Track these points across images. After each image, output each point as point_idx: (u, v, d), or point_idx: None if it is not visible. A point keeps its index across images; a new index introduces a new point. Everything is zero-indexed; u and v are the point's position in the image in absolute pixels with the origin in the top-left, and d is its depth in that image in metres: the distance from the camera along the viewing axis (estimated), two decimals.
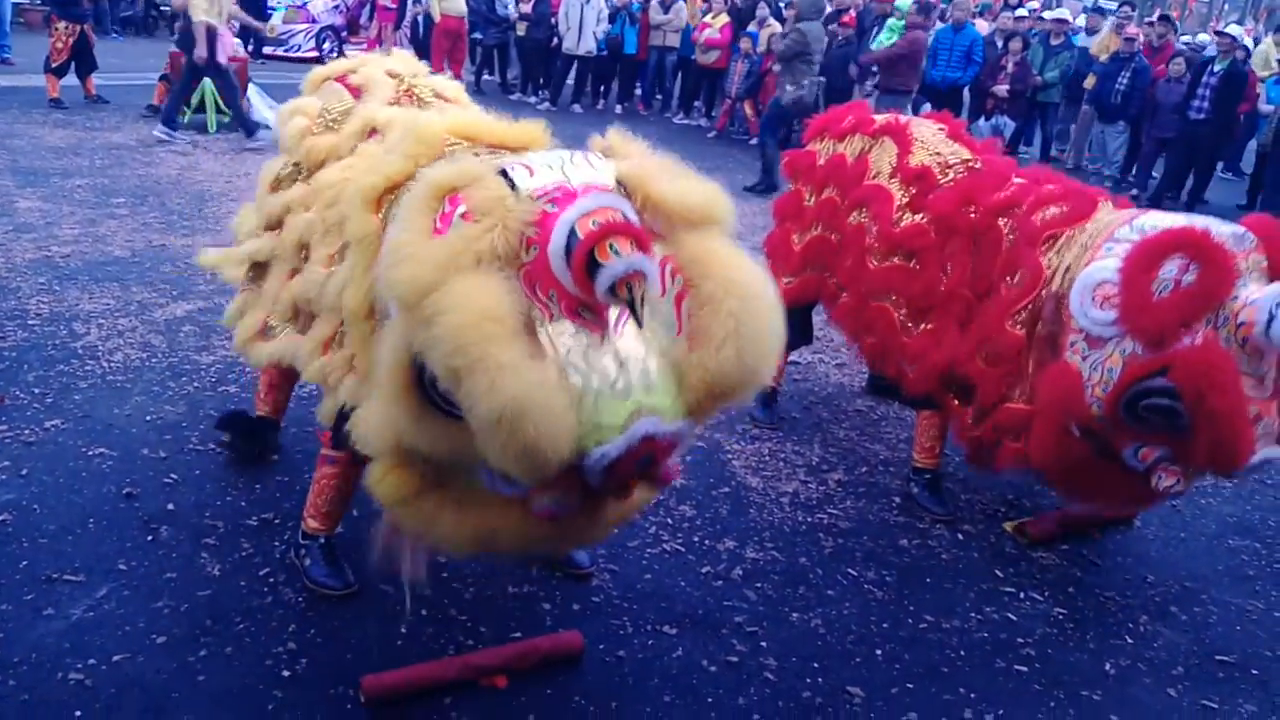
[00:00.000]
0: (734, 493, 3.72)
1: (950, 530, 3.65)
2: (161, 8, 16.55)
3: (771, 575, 3.23)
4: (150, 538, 3.03)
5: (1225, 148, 12.22)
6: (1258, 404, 2.88)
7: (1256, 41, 15.00)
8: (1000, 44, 11.56)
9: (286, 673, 2.54)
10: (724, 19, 12.98)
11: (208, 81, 9.24)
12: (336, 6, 15.84)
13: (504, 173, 1.99)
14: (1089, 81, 11.92)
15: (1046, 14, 12.69)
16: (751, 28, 12.55)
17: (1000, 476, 3.98)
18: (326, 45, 15.54)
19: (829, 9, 11.21)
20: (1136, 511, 3.80)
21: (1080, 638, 3.12)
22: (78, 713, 2.33)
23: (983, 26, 12.80)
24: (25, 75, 11.04)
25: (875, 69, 10.80)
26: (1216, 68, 10.49)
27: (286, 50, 15.09)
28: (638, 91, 14.75)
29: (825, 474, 3.98)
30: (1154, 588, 3.46)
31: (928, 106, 10.26)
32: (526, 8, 13.58)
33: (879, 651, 2.94)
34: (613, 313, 1.93)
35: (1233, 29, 12.00)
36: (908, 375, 3.61)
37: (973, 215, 3.51)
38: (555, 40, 13.51)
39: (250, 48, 13.24)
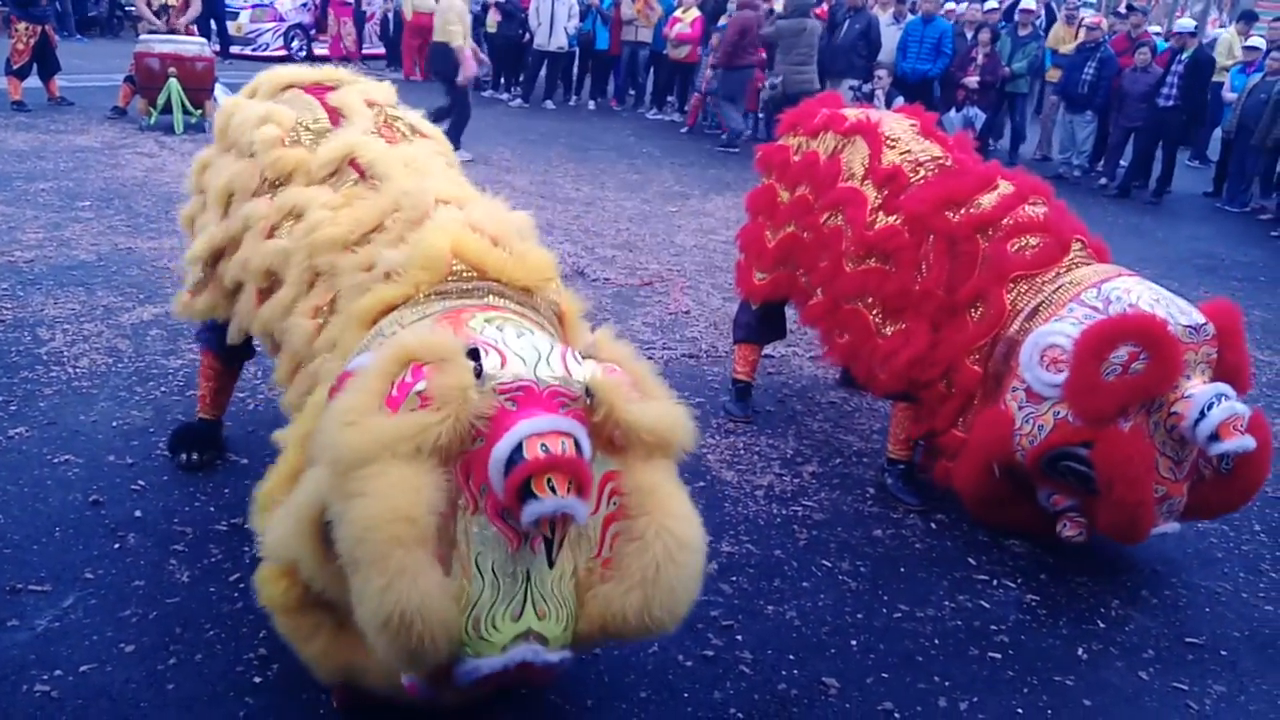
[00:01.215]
0: (709, 487, 3.72)
1: (924, 520, 3.66)
2: (126, 8, 16.33)
3: (746, 569, 3.23)
4: (117, 545, 2.99)
5: (1194, 133, 12.35)
6: (1169, 485, 3.11)
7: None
8: (969, 36, 11.62)
9: (258, 679, 2.51)
10: (694, 13, 12.96)
11: (173, 83, 9.14)
12: (305, 4, 15.69)
13: (474, 353, 1.96)
14: (1051, 74, 12.05)
15: None
16: (722, 21, 12.54)
17: None
18: (295, 44, 15.40)
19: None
20: None
21: (1053, 624, 3.14)
22: None
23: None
24: None
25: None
26: (1184, 56, 10.60)
27: (254, 49, 14.93)
28: (610, 88, 14.72)
29: (800, 466, 3.99)
30: (1125, 573, 3.49)
31: (900, 100, 10.30)
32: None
33: (854, 642, 2.95)
34: None
35: (1185, 22, 12.16)
36: (878, 377, 3.64)
37: (951, 218, 3.52)
38: (526, 36, 13.46)
39: (217, 47, 13.10)
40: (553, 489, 1.82)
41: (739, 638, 2.89)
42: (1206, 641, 3.14)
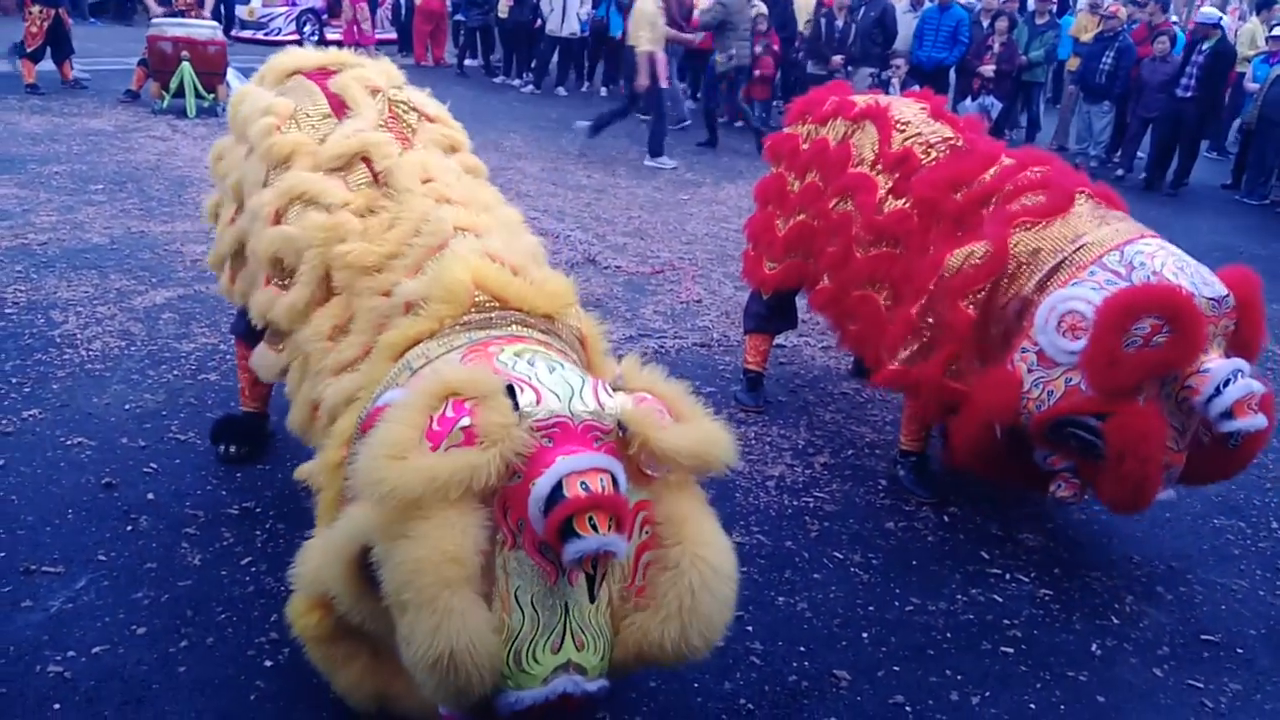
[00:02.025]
0: (720, 478, 3.69)
1: (936, 513, 3.64)
2: None
3: (758, 559, 3.22)
4: (130, 528, 2.99)
5: (1211, 125, 12.22)
6: (1171, 455, 3.04)
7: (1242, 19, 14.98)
8: (986, 24, 11.53)
9: (269, 663, 2.52)
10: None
11: (186, 66, 9.15)
12: None
13: (510, 390, 1.95)
14: (1072, 63, 11.93)
15: None
16: None
17: None
18: (307, 28, 15.39)
19: None
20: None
21: (1066, 619, 3.12)
22: (57, 705, 2.31)
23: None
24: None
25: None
26: (1205, 46, 10.48)
27: (266, 34, 14.93)
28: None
29: (811, 457, 3.97)
30: (1140, 568, 3.46)
31: (917, 88, 10.24)
32: None
33: (865, 634, 2.93)
34: None
35: (1209, 11, 11.95)
36: (884, 361, 3.61)
37: (958, 199, 3.49)
38: (538, 22, 13.41)
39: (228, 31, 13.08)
40: (594, 527, 1.83)
41: (749, 629, 2.88)
42: (1222, 639, 3.11)
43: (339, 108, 2.95)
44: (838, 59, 10.83)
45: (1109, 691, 2.81)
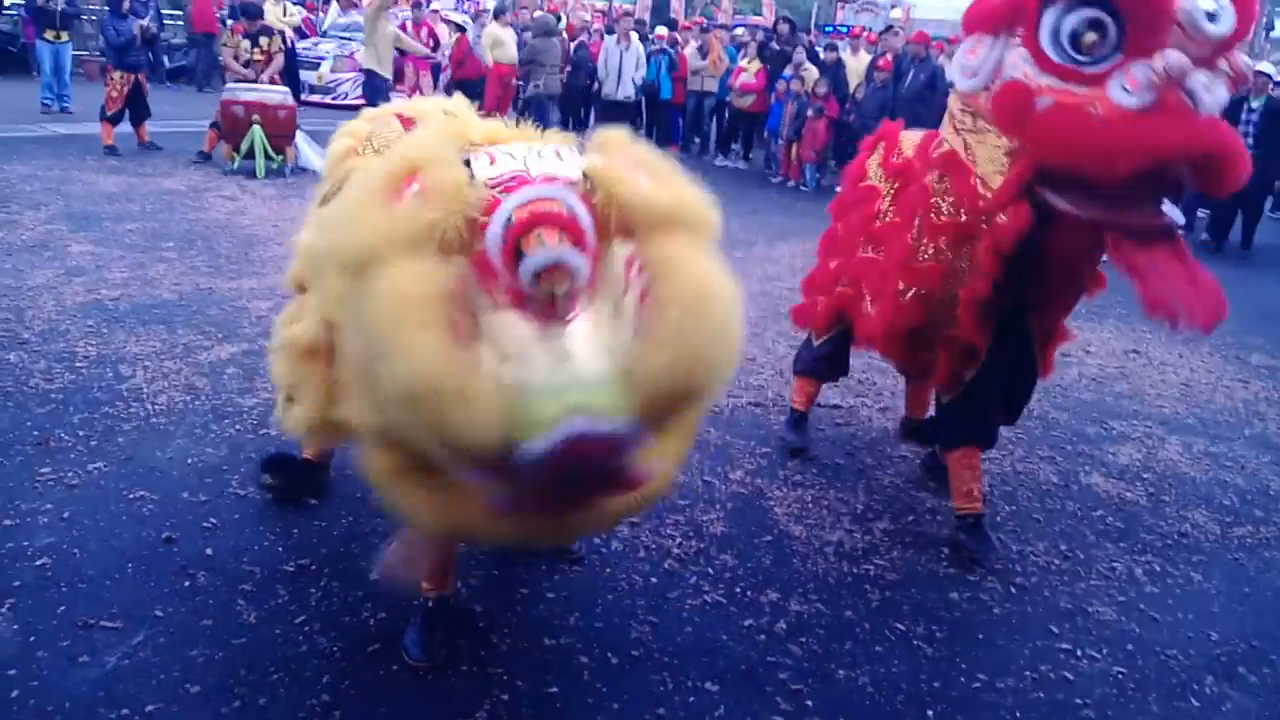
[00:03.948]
0: (776, 541, 3.63)
1: (1002, 583, 3.52)
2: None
3: (816, 629, 3.13)
4: (188, 583, 3.00)
5: (1273, 184, 11.96)
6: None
7: None
8: None
9: None
10: (757, 65, 13.31)
11: (257, 129, 9.44)
12: None
13: (466, 162, 2.00)
14: None
15: None
16: (787, 71, 12.71)
17: (1054, 527, 3.88)
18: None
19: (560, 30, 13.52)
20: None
21: (1142, 700, 2.98)
22: None
23: None
24: (82, 124, 11.35)
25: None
26: (1254, 104, 10.24)
27: (334, 98, 15.40)
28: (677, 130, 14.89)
29: (870, 522, 3.88)
30: (1219, 647, 3.30)
31: None
32: None
33: (930, 712, 2.82)
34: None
35: (1266, 67, 11.74)
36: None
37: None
38: (595, 85, 13.76)
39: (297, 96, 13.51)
40: (543, 244, 1.86)
41: (809, 703, 2.78)
42: None
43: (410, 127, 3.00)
44: None
45: None
